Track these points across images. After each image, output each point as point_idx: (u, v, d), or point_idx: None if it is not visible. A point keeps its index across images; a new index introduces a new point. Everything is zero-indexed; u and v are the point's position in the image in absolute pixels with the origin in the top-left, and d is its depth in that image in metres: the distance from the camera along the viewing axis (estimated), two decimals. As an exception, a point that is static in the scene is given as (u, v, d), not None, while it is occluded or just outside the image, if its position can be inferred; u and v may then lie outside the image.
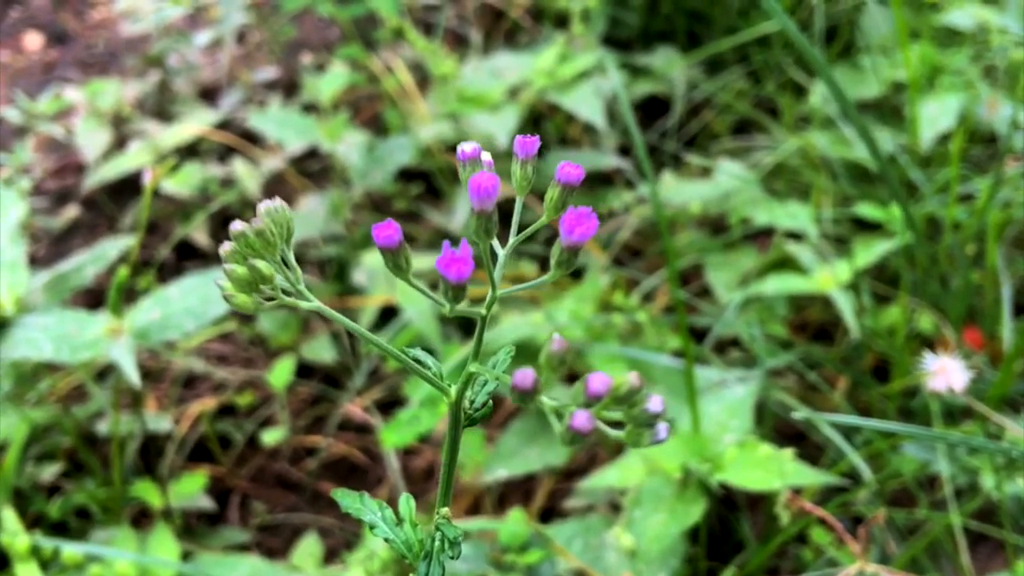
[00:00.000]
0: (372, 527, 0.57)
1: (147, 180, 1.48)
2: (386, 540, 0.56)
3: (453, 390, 0.51)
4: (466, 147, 0.50)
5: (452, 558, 0.51)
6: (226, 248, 0.47)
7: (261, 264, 0.46)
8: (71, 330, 1.38)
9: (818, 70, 1.26)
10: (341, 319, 0.50)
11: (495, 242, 0.49)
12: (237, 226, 0.46)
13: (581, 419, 0.40)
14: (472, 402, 0.53)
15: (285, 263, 0.49)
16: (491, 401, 0.53)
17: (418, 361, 0.53)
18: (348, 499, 0.59)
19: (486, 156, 0.51)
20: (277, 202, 0.48)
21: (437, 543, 0.53)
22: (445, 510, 0.55)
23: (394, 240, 0.46)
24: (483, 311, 0.48)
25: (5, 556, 1.25)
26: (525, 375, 0.41)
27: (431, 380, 0.51)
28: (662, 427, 0.41)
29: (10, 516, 1.30)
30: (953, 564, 1.25)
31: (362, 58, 2.00)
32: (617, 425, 0.44)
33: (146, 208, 1.49)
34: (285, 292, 0.48)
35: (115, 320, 1.38)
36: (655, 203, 1.23)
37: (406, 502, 0.58)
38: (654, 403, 0.41)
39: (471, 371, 0.49)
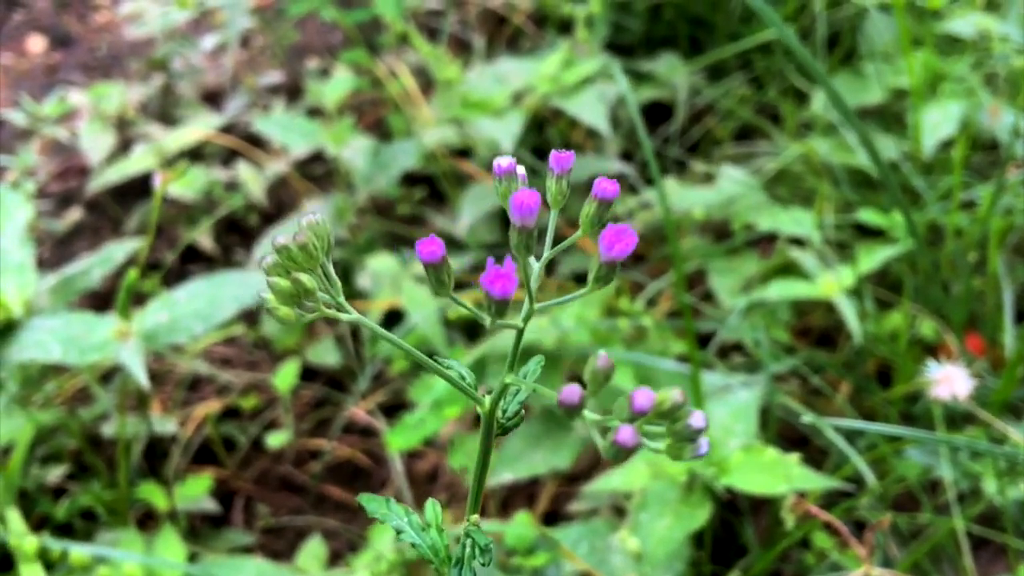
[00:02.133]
0: (399, 532, 0.58)
1: (157, 184, 1.48)
2: (413, 545, 0.57)
3: (487, 400, 0.52)
4: (502, 162, 0.51)
5: (483, 564, 0.52)
6: (269, 262, 0.48)
7: (304, 277, 0.47)
8: (79, 332, 1.39)
9: (818, 79, 1.27)
10: (385, 334, 0.51)
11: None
12: (281, 240, 0.47)
13: (626, 434, 0.40)
14: (504, 411, 0.54)
15: (325, 275, 0.50)
16: (523, 410, 0.54)
17: (445, 366, 0.54)
18: (374, 504, 0.60)
19: (520, 170, 0.52)
20: (319, 215, 0.48)
21: (468, 550, 0.54)
22: (475, 517, 0.55)
23: (437, 256, 0.47)
24: (520, 323, 0.49)
25: (9, 557, 1.26)
26: (572, 391, 0.42)
27: (467, 391, 0.52)
28: (704, 441, 0.42)
29: (16, 517, 1.30)
30: (955, 568, 1.27)
31: (366, 63, 2.01)
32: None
33: (155, 211, 1.49)
34: (325, 304, 0.49)
35: (123, 322, 1.38)
36: (664, 208, 1.24)
37: (432, 508, 0.59)
38: (696, 419, 0.42)
39: (506, 382, 0.50)
